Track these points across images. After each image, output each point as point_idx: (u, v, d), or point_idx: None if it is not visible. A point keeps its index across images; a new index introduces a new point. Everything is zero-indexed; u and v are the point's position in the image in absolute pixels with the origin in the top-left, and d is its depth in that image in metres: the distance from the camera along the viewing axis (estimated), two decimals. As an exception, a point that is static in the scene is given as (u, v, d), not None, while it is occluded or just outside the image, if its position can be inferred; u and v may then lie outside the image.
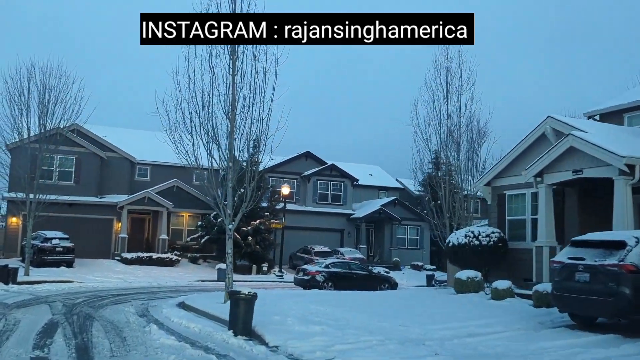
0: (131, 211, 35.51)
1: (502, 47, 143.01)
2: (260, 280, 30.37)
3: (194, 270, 33.35)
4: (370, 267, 29.33)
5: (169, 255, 33.69)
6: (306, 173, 41.38)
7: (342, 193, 42.14)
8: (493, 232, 18.51)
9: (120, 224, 34.73)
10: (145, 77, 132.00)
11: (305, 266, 24.86)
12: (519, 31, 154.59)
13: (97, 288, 21.79)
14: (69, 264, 29.45)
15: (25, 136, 24.72)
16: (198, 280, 28.05)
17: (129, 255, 32.68)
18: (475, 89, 24.90)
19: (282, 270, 32.76)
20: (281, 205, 37.08)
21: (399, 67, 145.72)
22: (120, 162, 36.81)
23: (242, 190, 15.80)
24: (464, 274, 17.60)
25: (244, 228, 34.79)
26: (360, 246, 39.97)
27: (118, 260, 32.95)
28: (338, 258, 36.05)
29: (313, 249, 35.93)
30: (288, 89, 15.03)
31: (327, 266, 24.04)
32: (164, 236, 35.19)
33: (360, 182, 42.87)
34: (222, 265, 29.50)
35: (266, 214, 35.76)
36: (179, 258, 34.00)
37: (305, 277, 23.58)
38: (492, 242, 18.22)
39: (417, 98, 25.77)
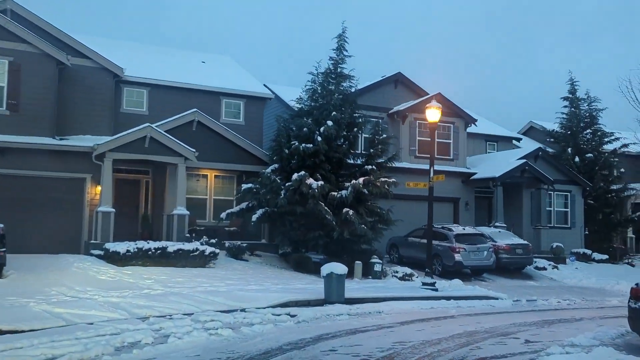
0: (118, 165, 19.12)
1: None
2: (412, 297, 14.55)
3: (245, 272, 17.28)
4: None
5: (197, 246, 17.50)
6: (398, 108, 25.53)
7: (451, 141, 26.49)
8: None
9: (98, 187, 18.38)
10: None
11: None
12: None
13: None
14: (-7, 271, 13.20)
15: None
16: (281, 306, 12.16)
17: (119, 248, 16.43)
18: None
19: (431, 274, 16.78)
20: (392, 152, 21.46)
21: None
22: (96, 77, 20.18)
23: None
24: None
25: (334, 192, 18.86)
26: (497, 224, 24.43)
27: (98, 256, 16.76)
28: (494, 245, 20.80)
29: (451, 230, 20.29)
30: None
31: None
32: (181, 210, 18.91)
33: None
34: (338, 269, 13.61)
35: (370, 167, 19.90)
36: (216, 250, 17.85)
37: None
38: None
39: None
